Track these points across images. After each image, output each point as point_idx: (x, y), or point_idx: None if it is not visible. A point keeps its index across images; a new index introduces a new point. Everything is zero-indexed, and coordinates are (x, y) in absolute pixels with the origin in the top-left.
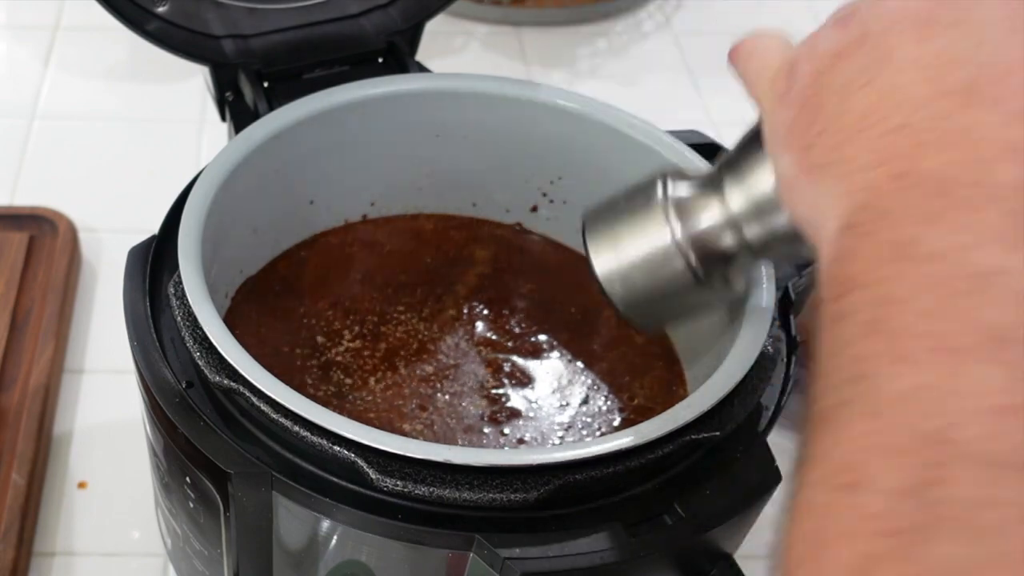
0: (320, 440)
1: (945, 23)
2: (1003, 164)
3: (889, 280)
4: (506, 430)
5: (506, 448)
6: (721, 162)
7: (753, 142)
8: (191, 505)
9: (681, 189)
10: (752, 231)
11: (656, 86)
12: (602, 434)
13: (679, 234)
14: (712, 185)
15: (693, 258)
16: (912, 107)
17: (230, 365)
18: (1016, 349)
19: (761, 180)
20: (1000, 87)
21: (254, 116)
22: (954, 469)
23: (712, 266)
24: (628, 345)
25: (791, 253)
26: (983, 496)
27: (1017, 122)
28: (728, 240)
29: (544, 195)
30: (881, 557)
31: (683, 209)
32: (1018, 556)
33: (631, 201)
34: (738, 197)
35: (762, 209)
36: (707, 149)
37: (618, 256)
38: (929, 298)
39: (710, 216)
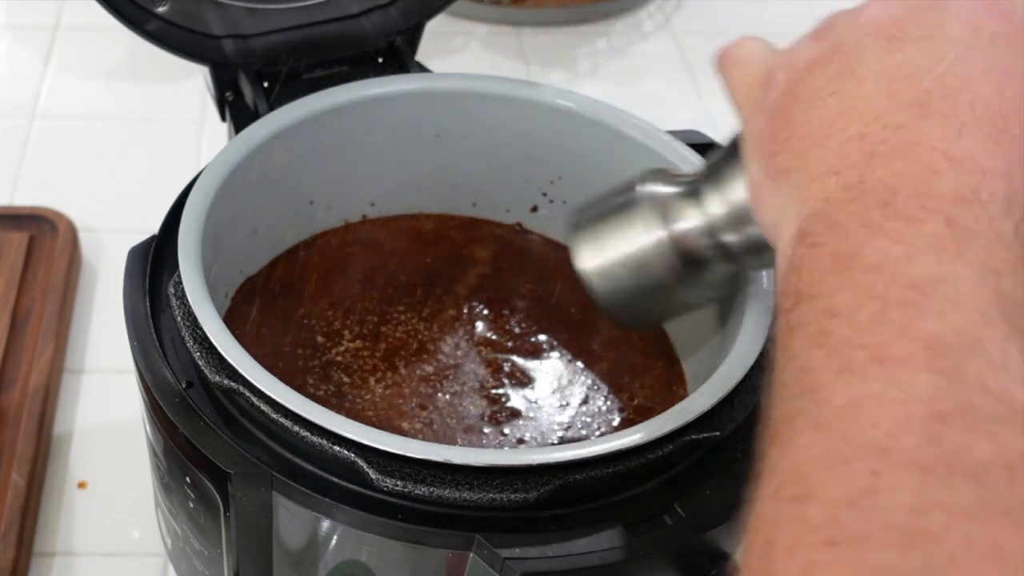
0: (320, 440)
1: (912, 37)
2: (943, 176)
3: (833, 292)
4: (506, 430)
5: (506, 448)
6: (704, 167)
7: (733, 150)
8: (191, 505)
9: (663, 191)
10: (729, 238)
11: (656, 86)
12: (602, 434)
13: (660, 234)
14: (693, 189)
15: (674, 259)
16: (871, 117)
17: (230, 365)
18: (950, 356)
19: (738, 189)
20: (951, 102)
21: (254, 116)
22: (891, 477)
23: (692, 268)
24: (628, 345)
25: (767, 263)
26: (919, 502)
27: (961, 135)
28: (705, 245)
29: (544, 195)
30: (824, 565)
31: (665, 210)
32: (953, 560)
33: (615, 200)
34: (716, 204)
35: (738, 218)
36: (707, 149)
37: (601, 254)
38: (869, 310)
39: (689, 220)
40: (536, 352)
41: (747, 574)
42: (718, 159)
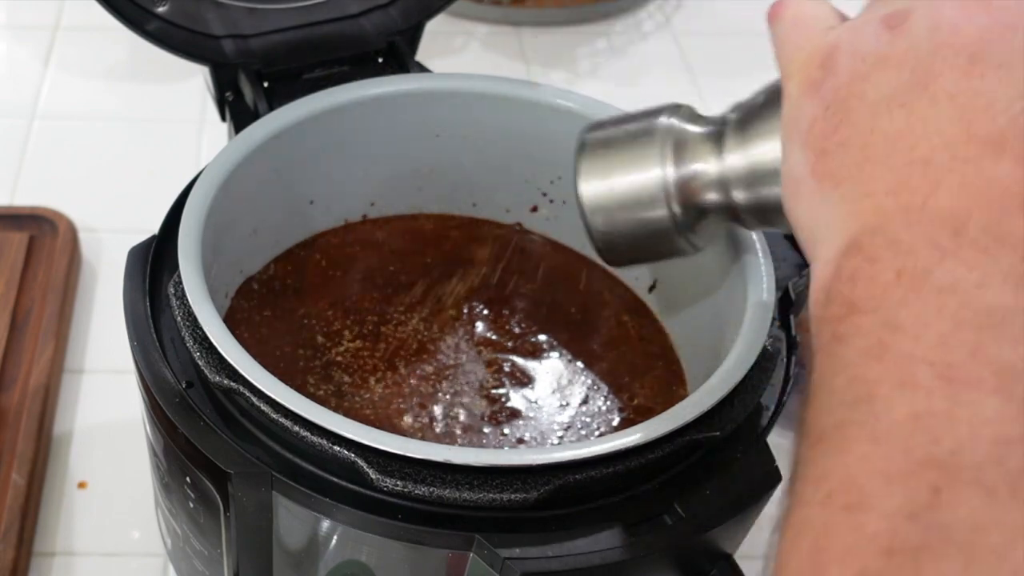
0: (320, 440)
1: (992, 63)
2: (1016, 219)
3: (896, 307)
4: (506, 430)
5: (506, 448)
6: (731, 115)
7: (768, 105)
8: (191, 505)
9: (685, 128)
10: (739, 195)
11: (656, 86)
12: (602, 434)
13: (669, 175)
14: (716, 136)
15: (676, 203)
16: (939, 144)
17: (230, 365)
18: (1020, 385)
19: (764, 149)
20: None
21: (254, 116)
22: (955, 493)
23: (690, 215)
24: (628, 345)
25: (768, 225)
26: (982, 520)
27: None
28: (713, 196)
29: (544, 195)
30: (880, 573)
31: (680, 150)
32: None
33: (630, 126)
34: (736, 158)
35: (756, 178)
36: None
37: (605, 181)
38: (937, 329)
39: (703, 167)
40: (536, 352)
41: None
42: (750, 109)
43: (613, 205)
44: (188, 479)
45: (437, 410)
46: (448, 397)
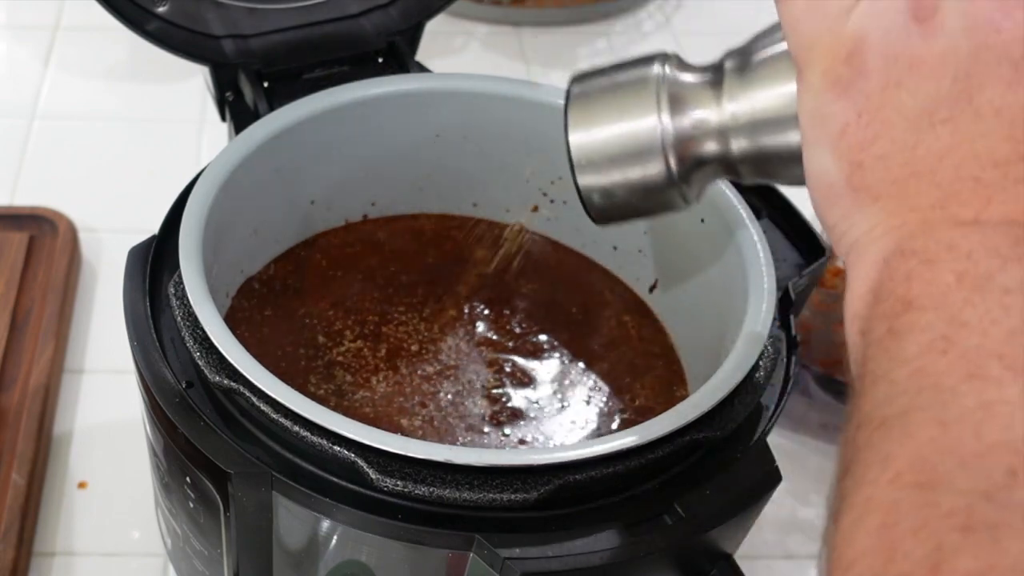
0: (320, 440)
1: None
2: None
3: (961, 306)
4: (507, 430)
5: (507, 448)
6: (728, 60)
7: (774, 60)
8: (191, 505)
9: (679, 76)
10: (740, 144)
11: None
12: (602, 434)
13: (667, 124)
14: (714, 83)
15: (672, 154)
16: (988, 163)
17: (230, 365)
18: None
19: (771, 96)
20: None
21: (254, 116)
22: None
23: (687, 167)
24: (628, 345)
25: (765, 176)
26: None
27: None
28: (711, 146)
29: (544, 195)
30: (956, 550)
31: (676, 99)
32: None
33: (623, 75)
34: (739, 105)
35: (760, 126)
36: None
37: (597, 132)
38: (1006, 325)
39: (703, 116)
40: (537, 352)
41: (851, 554)
42: (746, 55)
43: (605, 157)
44: (188, 479)
45: (438, 410)
46: (449, 397)
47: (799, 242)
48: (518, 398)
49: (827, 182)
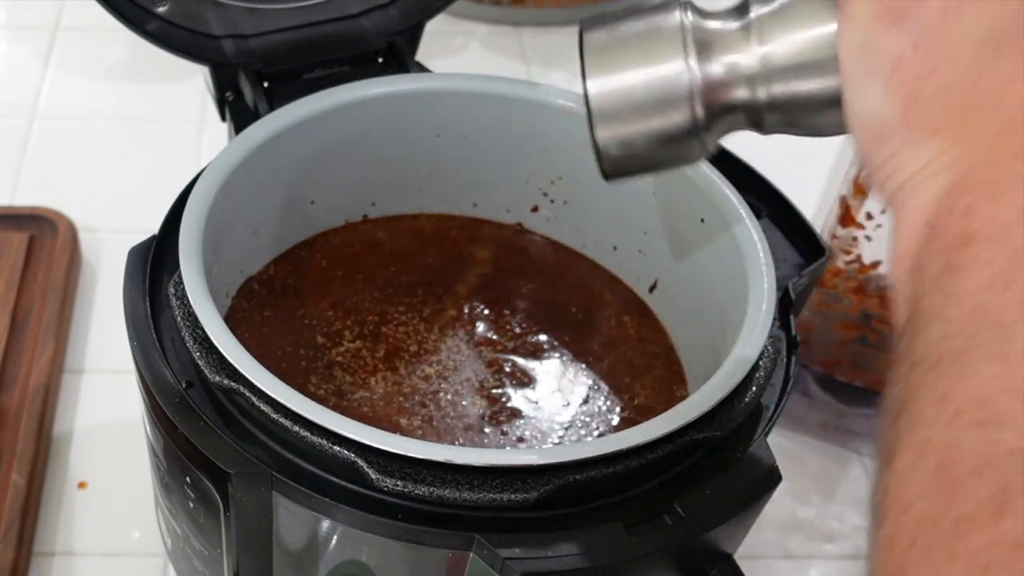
0: (320, 440)
1: None
2: None
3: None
4: (507, 430)
5: (507, 448)
6: (754, 4)
7: None
8: (191, 505)
9: (703, 21)
10: (773, 89)
11: None
12: (601, 434)
13: (694, 70)
14: (740, 27)
15: (699, 102)
16: None
17: (230, 365)
18: None
19: (807, 36)
20: None
21: (254, 116)
22: None
23: (712, 116)
24: (628, 345)
25: (791, 127)
26: None
27: None
28: (741, 93)
29: (544, 195)
30: (1022, 490)
31: (704, 43)
32: None
33: (643, 21)
34: (772, 47)
35: (796, 68)
36: None
37: (618, 80)
38: None
39: (733, 60)
40: (536, 352)
41: (908, 495)
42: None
43: (627, 106)
44: (188, 479)
45: (438, 410)
46: (449, 397)
47: (799, 242)
48: (518, 398)
49: (877, 119)
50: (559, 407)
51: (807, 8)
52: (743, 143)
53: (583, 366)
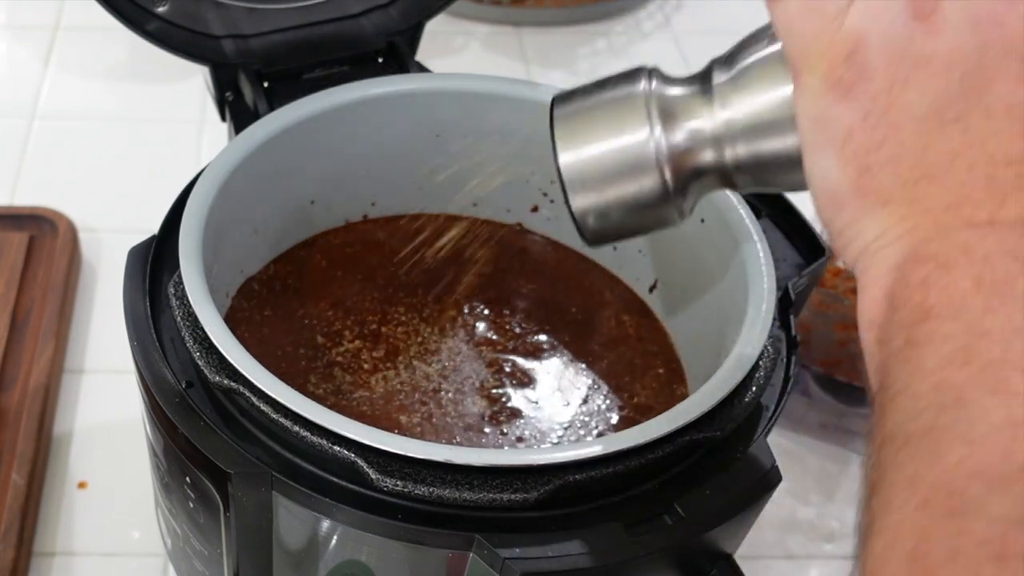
0: (320, 440)
1: None
2: None
3: (981, 314)
4: (506, 430)
5: (506, 448)
6: (715, 67)
7: (761, 55)
8: (191, 505)
9: (667, 88)
10: (738, 151)
11: None
12: (601, 433)
13: (659, 138)
14: (703, 92)
15: (668, 167)
16: (1002, 161)
17: (230, 365)
18: None
19: (765, 99)
20: None
21: (254, 116)
22: None
23: (683, 180)
24: (628, 345)
25: (762, 185)
26: None
27: None
28: (708, 156)
29: (544, 195)
30: None
31: (667, 111)
32: None
33: (609, 93)
34: (732, 111)
35: (756, 131)
36: None
37: (588, 151)
38: None
39: (697, 124)
40: (536, 352)
41: None
42: (742, 59)
43: (599, 176)
44: (188, 479)
45: (437, 410)
46: (448, 397)
47: (799, 242)
48: (518, 398)
49: (831, 188)
50: (559, 407)
51: (765, 70)
52: None
53: (583, 366)
